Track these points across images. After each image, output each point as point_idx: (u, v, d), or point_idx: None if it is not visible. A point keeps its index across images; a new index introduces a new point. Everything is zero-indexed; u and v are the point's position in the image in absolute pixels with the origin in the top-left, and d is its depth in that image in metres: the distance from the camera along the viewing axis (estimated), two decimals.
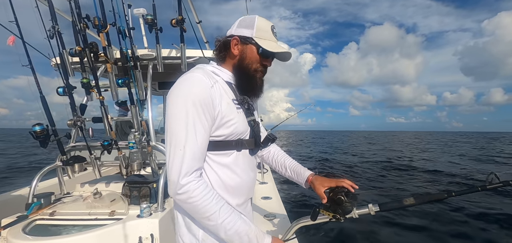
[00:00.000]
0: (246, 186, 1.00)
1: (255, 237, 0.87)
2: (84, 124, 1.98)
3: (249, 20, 0.96)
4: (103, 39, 1.98)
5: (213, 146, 0.90)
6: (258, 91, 1.00)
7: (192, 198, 0.80)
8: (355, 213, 1.14)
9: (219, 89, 0.89)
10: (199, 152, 0.83)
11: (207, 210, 0.81)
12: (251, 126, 0.98)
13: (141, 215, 1.59)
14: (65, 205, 1.76)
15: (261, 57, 0.95)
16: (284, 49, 0.97)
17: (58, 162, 2.00)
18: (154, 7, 2.34)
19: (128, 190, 1.80)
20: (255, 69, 0.96)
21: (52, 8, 1.90)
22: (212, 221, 0.82)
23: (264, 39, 0.95)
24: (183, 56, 2.39)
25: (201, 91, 0.83)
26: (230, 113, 0.90)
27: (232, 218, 0.84)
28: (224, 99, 0.89)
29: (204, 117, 0.83)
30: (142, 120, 2.07)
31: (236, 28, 0.97)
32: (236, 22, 0.99)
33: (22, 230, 1.46)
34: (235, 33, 0.96)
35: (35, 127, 1.71)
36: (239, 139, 0.94)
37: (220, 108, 0.87)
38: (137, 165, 2.02)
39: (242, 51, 0.95)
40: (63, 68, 1.94)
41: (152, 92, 2.77)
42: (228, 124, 0.89)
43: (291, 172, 1.26)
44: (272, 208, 2.23)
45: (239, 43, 0.95)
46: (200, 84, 0.84)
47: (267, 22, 0.97)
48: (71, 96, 1.93)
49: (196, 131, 0.81)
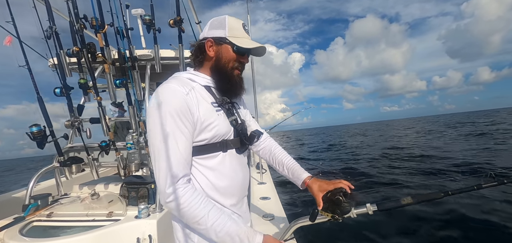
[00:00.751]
0: (237, 186, 1.00)
1: (246, 237, 0.87)
2: (82, 125, 1.97)
3: (220, 21, 0.97)
4: (100, 40, 1.98)
5: (197, 150, 0.90)
6: (239, 89, 1.01)
7: (180, 205, 0.81)
8: (353, 213, 1.15)
9: (195, 96, 0.89)
10: (183, 159, 0.84)
11: (196, 215, 0.82)
12: (234, 125, 0.98)
13: (139, 216, 1.59)
14: (63, 206, 1.75)
15: (237, 55, 0.96)
16: (258, 45, 0.98)
17: (56, 163, 1.99)
18: (152, 7, 2.34)
19: (126, 191, 1.80)
20: (232, 68, 0.97)
21: (50, 8, 1.89)
22: (201, 225, 0.83)
23: (238, 37, 0.96)
24: (181, 57, 2.39)
25: (176, 100, 0.84)
26: (209, 117, 0.90)
27: (221, 220, 0.84)
28: (202, 104, 0.89)
29: (183, 125, 0.83)
30: (140, 121, 2.07)
31: (208, 30, 0.98)
32: (207, 25, 1.00)
33: (19, 232, 1.46)
34: (208, 35, 0.97)
35: (32, 127, 1.71)
36: (223, 140, 0.94)
37: (198, 114, 0.87)
38: (135, 165, 2.02)
39: (217, 52, 0.96)
40: (61, 69, 1.93)
41: (150, 93, 2.76)
42: (208, 127, 0.90)
43: (287, 170, 1.26)
44: (271, 208, 2.23)
45: (213, 44, 0.96)
46: (174, 94, 0.85)
47: (237, 20, 0.99)
48: (69, 97, 1.92)
49: (176, 140, 0.82)
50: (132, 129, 2.04)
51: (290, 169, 1.25)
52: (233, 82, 0.98)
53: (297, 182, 1.24)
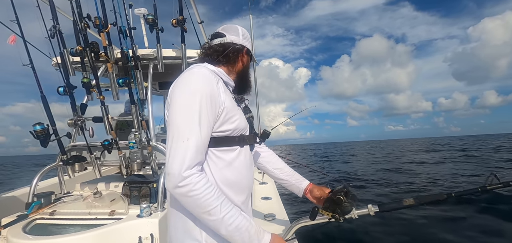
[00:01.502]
0: (247, 182, 1.01)
1: (255, 233, 0.87)
2: (85, 124, 1.98)
3: (248, 35, 1.11)
4: (104, 39, 1.99)
5: (217, 142, 0.90)
6: (250, 88, 1.14)
7: (193, 191, 0.79)
8: (355, 213, 1.15)
9: (222, 86, 0.93)
10: (202, 146, 0.83)
11: (208, 204, 0.80)
12: (250, 122, 1.04)
13: (141, 215, 1.59)
14: (65, 205, 1.76)
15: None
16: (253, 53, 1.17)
17: (59, 162, 2.00)
18: (155, 7, 2.35)
19: (128, 190, 1.80)
20: (249, 74, 1.13)
21: (53, 8, 1.90)
22: (213, 215, 0.81)
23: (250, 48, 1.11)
24: (184, 56, 2.39)
25: (209, 86, 0.85)
26: (233, 108, 0.93)
27: (233, 213, 0.84)
28: (227, 96, 0.93)
29: (211, 111, 0.84)
30: (142, 120, 2.07)
31: (242, 39, 1.08)
32: (239, 31, 1.08)
33: (22, 229, 1.47)
34: (244, 44, 1.07)
35: (36, 126, 1.72)
36: (241, 135, 0.97)
37: (225, 104, 0.89)
38: (137, 164, 2.02)
39: (246, 61, 1.10)
40: (64, 68, 1.94)
41: (153, 92, 2.77)
42: (232, 119, 0.92)
43: (288, 177, 1.29)
44: (272, 208, 2.23)
45: (246, 55, 1.09)
46: (207, 79, 0.87)
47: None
48: (72, 96, 1.93)
49: (201, 125, 0.82)
50: (135, 128, 2.05)
51: (291, 175, 1.29)
52: (249, 83, 1.12)
53: (298, 187, 1.27)
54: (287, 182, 1.28)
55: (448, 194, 1.17)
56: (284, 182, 1.29)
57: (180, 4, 2.20)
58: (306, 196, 1.26)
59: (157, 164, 2.09)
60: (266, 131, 1.15)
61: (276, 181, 1.35)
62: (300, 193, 1.26)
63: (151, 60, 2.45)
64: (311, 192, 1.24)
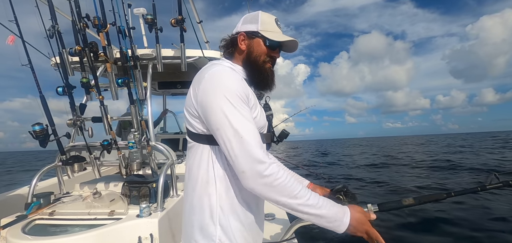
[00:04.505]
0: None
1: (337, 207, 0.85)
2: (84, 124, 1.98)
3: (253, 16, 0.98)
4: (103, 39, 1.98)
5: None
6: (271, 83, 1.00)
7: (279, 179, 0.78)
8: None
9: (245, 82, 0.91)
10: (258, 135, 0.82)
11: (294, 188, 0.80)
12: (269, 120, 1.00)
13: (140, 215, 1.59)
14: (65, 205, 1.76)
15: (269, 49, 0.96)
16: (289, 38, 0.98)
17: (58, 162, 2.00)
18: (154, 6, 2.34)
19: (128, 190, 1.80)
20: (263, 61, 0.97)
21: (52, 8, 1.90)
22: (300, 198, 0.80)
23: (270, 31, 0.96)
24: (183, 56, 2.39)
25: (237, 80, 0.84)
26: (256, 104, 0.91)
27: (312, 194, 0.83)
28: (251, 92, 0.91)
29: (246, 103, 0.83)
30: (141, 120, 2.07)
31: (241, 25, 0.99)
32: (240, 20, 1.01)
33: (21, 230, 1.46)
34: (241, 30, 0.98)
35: (35, 126, 1.71)
36: (260, 133, 0.92)
37: (250, 98, 0.88)
38: (136, 164, 2.02)
39: (249, 46, 0.96)
40: (63, 68, 1.94)
41: (152, 92, 2.77)
42: (254, 114, 0.89)
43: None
44: (272, 208, 2.23)
45: (246, 38, 0.97)
46: (234, 74, 0.86)
47: (270, 16, 1.00)
48: (71, 96, 1.93)
49: (247, 116, 0.82)
50: (134, 128, 2.04)
51: (293, 176, 1.28)
52: (265, 75, 0.97)
53: None
54: None
55: (448, 193, 1.17)
56: None
57: (179, 4, 2.20)
58: None
59: (157, 163, 2.09)
60: (285, 131, 1.10)
61: None
62: None
63: (150, 60, 2.44)
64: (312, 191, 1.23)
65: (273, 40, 0.95)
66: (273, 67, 1.01)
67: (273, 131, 1.02)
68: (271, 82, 1.00)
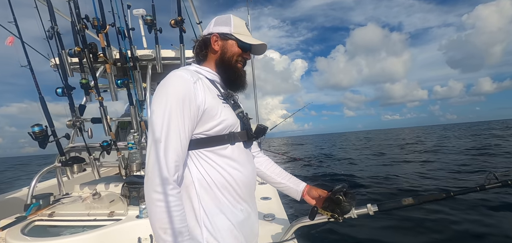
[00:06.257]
0: (249, 180, 1.00)
1: None
2: (83, 125, 1.98)
3: (225, 18, 1.02)
4: (102, 40, 1.98)
5: (205, 142, 0.90)
6: (243, 81, 1.05)
7: (163, 202, 0.76)
8: (354, 213, 1.15)
9: (203, 85, 0.91)
10: (182, 154, 0.83)
11: (172, 222, 0.77)
12: (241, 118, 0.99)
13: (140, 216, 1.59)
14: (64, 206, 1.76)
15: (241, 50, 1.01)
16: (260, 42, 1.04)
17: (57, 163, 2.00)
18: (154, 7, 2.35)
19: (127, 191, 1.80)
20: (236, 61, 1.02)
21: (51, 9, 1.89)
22: (166, 235, 0.76)
23: (242, 34, 1.02)
24: (183, 57, 2.39)
25: (184, 87, 0.84)
26: (216, 106, 0.91)
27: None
28: (209, 94, 0.90)
29: (188, 113, 0.83)
30: (141, 121, 2.07)
31: (213, 26, 1.02)
32: (211, 22, 1.04)
33: (20, 231, 1.46)
34: (214, 31, 1.01)
35: (34, 127, 1.71)
36: (231, 132, 0.95)
37: (206, 102, 0.87)
38: (136, 165, 2.02)
39: (223, 47, 1.01)
40: (62, 69, 1.94)
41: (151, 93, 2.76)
42: (216, 116, 0.90)
43: (286, 180, 1.27)
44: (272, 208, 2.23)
45: (219, 39, 1.01)
46: (183, 81, 0.85)
47: (241, 19, 1.05)
48: (70, 97, 1.92)
49: (179, 131, 0.82)
50: (134, 128, 2.04)
51: (289, 179, 1.28)
52: (238, 74, 1.02)
53: (296, 190, 1.25)
54: (284, 185, 1.27)
55: (447, 194, 1.18)
56: (282, 186, 1.28)
57: (179, 5, 2.20)
58: (304, 198, 1.25)
59: None
60: (261, 126, 1.07)
61: (274, 186, 1.33)
62: (298, 196, 1.25)
63: (150, 61, 2.44)
64: (308, 193, 1.23)
65: (246, 43, 1.00)
66: (244, 67, 1.06)
67: (248, 128, 1.01)
68: (244, 81, 1.05)
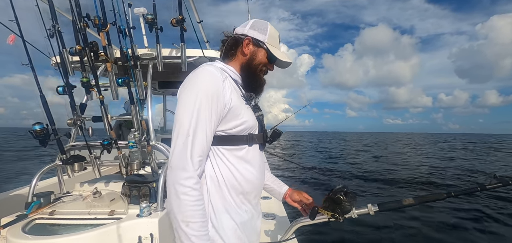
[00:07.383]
0: (256, 181, 1.01)
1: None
2: (84, 123, 1.98)
3: (262, 25, 1.03)
4: (103, 38, 1.98)
5: (224, 140, 0.91)
6: (261, 90, 1.07)
7: (187, 194, 0.78)
8: (354, 213, 1.15)
9: (230, 84, 0.92)
10: (206, 144, 0.84)
11: (193, 216, 0.78)
12: (260, 121, 1.01)
13: (140, 215, 1.59)
14: (65, 204, 1.76)
15: (268, 61, 1.03)
16: (288, 60, 1.06)
17: (58, 161, 2.00)
18: (155, 6, 2.34)
19: (128, 190, 1.80)
20: (260, 70, 1.04)
21: (52, 7, 1.89)
22: (189, 228, 0.78)
23: (274, 47, 1.03)
24: (183, 56, 2.39)
25: (214, 84, 0.85)
26: (240, 106, 0.92)
27: (205, 236, 0.81)
28: (235, 93, 0.92)
29: (214, 111, 0.84)
30: (142, 120, 2.07)
31: (249, 29, 1.02)
32: (248, 23, 1.04)
33: (21, 229, 1.46)
34: (248, 34, 1.01)
35: (35, 126, 1.71)
36: (250, 133, 0.96)
37: (232, 101, 0.89)
38: (136, 164, 2.02)
39: (253, 52, 1.02)
40: (63, 67, 1.94)
41: (152, 92, 2.77)
42: (239, 116, 0.91)
43: (271, 182, 1.30)
44: (272, 208, 2.24)
45: (251, 44, 1.01)
46: (213, 77, 0.87)
47: (276, 30, 1.05)
48: (71, 95, 1.93)
49: (204, 124, 0.83)
50: (134, 127, 2.04)
51: (273, 181, 1.31)
52: (260, 82, 1.05)
53: (279, 192, 1.29)
54: (269, 186, 1.30)
55: (448, 193, 1.18)
56: (266, 187, 1.30)
57: (179, 4, 2.20)
58: (286, 200, 1.27)
59: (157, 163, 2.09)
60: (277, 131, 1.10)
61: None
62: (280, 198, 1.28)
63: (151, 60, 2.44)
64: (290, 196, 1.26)
65: (276, 57, 1.02)
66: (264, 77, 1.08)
67: (265, 131, 1.04)
68: (262, 90, 1.07)
